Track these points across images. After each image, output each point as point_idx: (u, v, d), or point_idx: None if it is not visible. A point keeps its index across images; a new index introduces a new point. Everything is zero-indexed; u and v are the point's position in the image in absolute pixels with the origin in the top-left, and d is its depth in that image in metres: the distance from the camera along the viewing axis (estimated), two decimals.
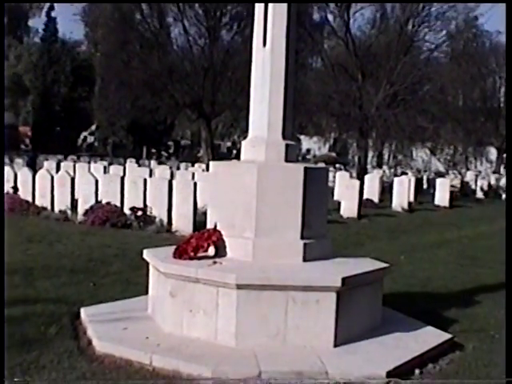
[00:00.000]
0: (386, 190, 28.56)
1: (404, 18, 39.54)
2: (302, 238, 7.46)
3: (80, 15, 46.34)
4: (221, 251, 7.46)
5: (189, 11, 37.77)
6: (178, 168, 32.01)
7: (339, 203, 22.43)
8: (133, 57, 37.94)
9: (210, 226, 7.90)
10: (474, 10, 41.84)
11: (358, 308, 7.22)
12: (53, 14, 64.56)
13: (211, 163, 8.46)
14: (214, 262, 7.17)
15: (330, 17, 41.44)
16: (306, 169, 7.50)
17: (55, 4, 64.71)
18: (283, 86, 7.83)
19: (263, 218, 7.40)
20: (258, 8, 7.97)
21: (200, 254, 7.33)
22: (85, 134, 68.25)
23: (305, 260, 7.42)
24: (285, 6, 7.82)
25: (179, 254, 7.35)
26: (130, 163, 33.42)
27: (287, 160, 7.81)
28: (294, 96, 8.25)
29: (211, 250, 7.41)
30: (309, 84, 39.08)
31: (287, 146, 7.84)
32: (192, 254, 7.31)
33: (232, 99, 37.20)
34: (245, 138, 8.19)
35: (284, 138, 7.86)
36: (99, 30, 47.05)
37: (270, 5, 7.83)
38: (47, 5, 67.18)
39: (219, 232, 7.55)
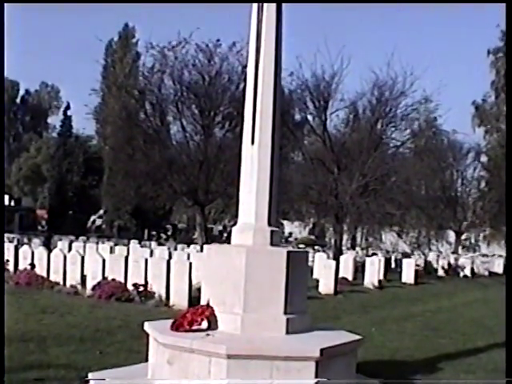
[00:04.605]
0: (359, 269, 28.41)
1: (374, 118, 39.91)
2: (285, 313, 7.43)
3: (92, 114, 46.72)
4: (213, 325, 7.42)
5: (186, 111, 38.20)
6: (176, 249, 31.80)
7: (318, 281, 22.37)
8: (137, 150, 38.09)
9: (203, 301, 7.85)
10: (433, 112, 42.28)
11: (335, 375, 7.15)
12: (69, 112, 65.53)
13: (205, 246, 8.45)
14: (207, 335, 7.13)
15: (310, 117, 41.87)
16: (288, 253, 7.52)
17: (71, 103, 65.63)
18: (269, 179, 7.88)
19: (251, 296, 7.38)
20: (247, 111, 8.09)
21: (194, 327, 7.29)
22: (94, 217, 68.46)
23: (287, 333, 7.37)
24: (271, 110, 7.95)
25: (176, 327, 7.32)
26: (133, 244, 33.33)
27: (272, 244, 7.82)
28: (278, 187, 8.32)
29: (204, 324, 7.37)
30: (291, 175, 39.07)
31: (272, 232, 7.87)
32: (187, 327, 7.28)
33: (223, 188, 37.22)
34: (235, 222, 8.21)
35: (269, 224, 7.88)
36: (108, 126, 47.50)
37: (258, 109, 7.95)
38: (64, 104, 68.20)
39: (212, 308, 7.51)
